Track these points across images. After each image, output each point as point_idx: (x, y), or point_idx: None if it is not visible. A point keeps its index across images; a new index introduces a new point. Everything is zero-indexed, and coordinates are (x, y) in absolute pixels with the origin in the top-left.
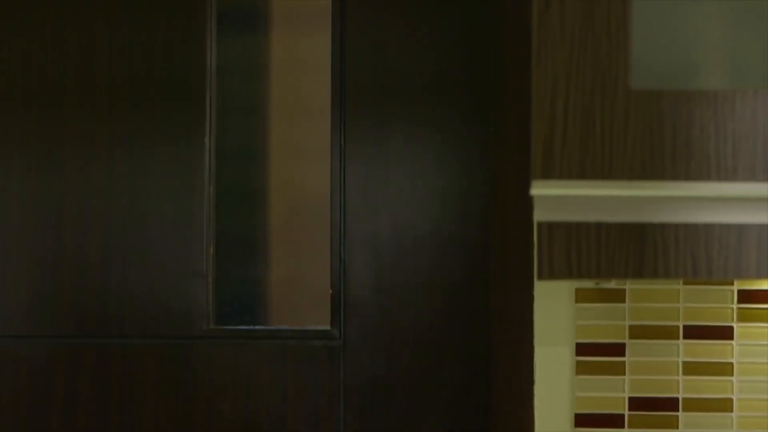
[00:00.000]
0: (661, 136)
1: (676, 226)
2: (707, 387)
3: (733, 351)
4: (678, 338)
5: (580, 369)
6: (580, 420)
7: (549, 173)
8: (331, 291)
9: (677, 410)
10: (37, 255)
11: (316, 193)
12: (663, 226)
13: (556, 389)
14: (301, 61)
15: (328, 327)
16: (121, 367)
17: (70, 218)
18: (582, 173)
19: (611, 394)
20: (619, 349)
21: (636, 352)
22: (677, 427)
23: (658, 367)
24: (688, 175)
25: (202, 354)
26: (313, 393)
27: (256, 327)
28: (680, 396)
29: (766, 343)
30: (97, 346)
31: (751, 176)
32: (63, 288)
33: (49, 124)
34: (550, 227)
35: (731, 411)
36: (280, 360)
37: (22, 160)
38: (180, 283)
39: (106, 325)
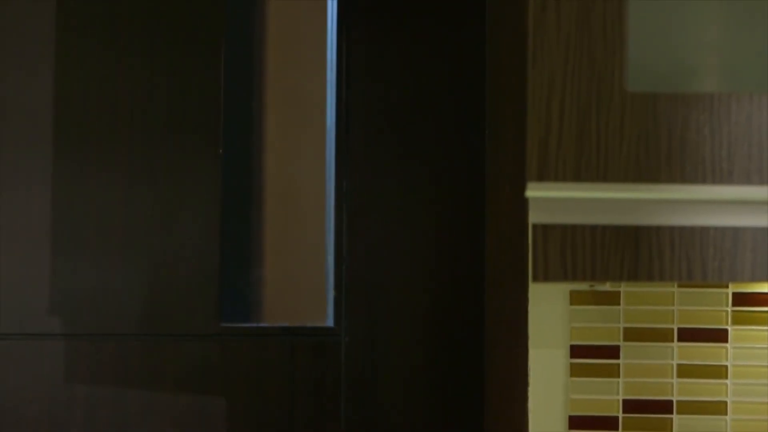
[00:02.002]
0: (656, 139)
1: (671, 229)
2: (701, 390)
3: (728, 354)
4: (672, 341)
5: (575, 371)
6: (574, 422)
7: (544, 175)
8: (335, 292)
9: (671, 413)
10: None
11: (314, 199)
12: (658, 229)
13: (550, 391)
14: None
15: (332, 324)
16: (139, 363)
17: (93, 227)
18: (577, 175)
19: (605, 396)
20: (613, 352)
21: (630, 355)
22: (671, 430)
23: (653, 370)
24: (684, 178)
25: (215, 351)
26: (318, 388)
27: (264, 325)
28: (674, 399)
29: (760, 346)
30: (117, 344)
31: (747, 179)
32: (84, 286)
33: (77, 152)
34: (545, 229)
35: (725, 414)
36: (288, 356)
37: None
38: (194, 284)
39: (126, 323)
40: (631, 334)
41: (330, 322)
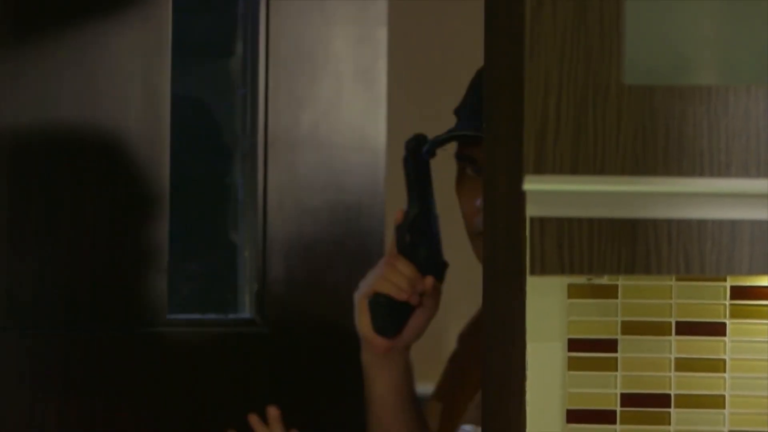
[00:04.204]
0: (653, 132)
1: (669, 222)
2: (699, 383)
3: (726, 347)
4: (670, 334)
5: (572, 365)
6: (572, 416)
7: (541, 168)
8: (257, 284)
9: (669, 406)
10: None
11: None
12: (655, 222)
13: (547, 385)
14: None
15: (251, 316)
16: (91, 354)
17: (39, 222)
18: (574, 168)
19: (603, 390)
20: (611, 345)
21: (628, 348)
22: (669, 424)
23: (650, 364)
24: (681, 171)
25: (161, 342)
26: (251, 376)
27: (197, 316)
28: (672, 392)
29: (758, 339)
30: (67, 337)
31: (745, 172)
32: (28, 281)
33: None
34: (542, 222)
35: (723, 407)
36: (221, 345)
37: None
38: (145, 278)
39: (91, 316)
40: (629, 328)
41: (251, 313)
